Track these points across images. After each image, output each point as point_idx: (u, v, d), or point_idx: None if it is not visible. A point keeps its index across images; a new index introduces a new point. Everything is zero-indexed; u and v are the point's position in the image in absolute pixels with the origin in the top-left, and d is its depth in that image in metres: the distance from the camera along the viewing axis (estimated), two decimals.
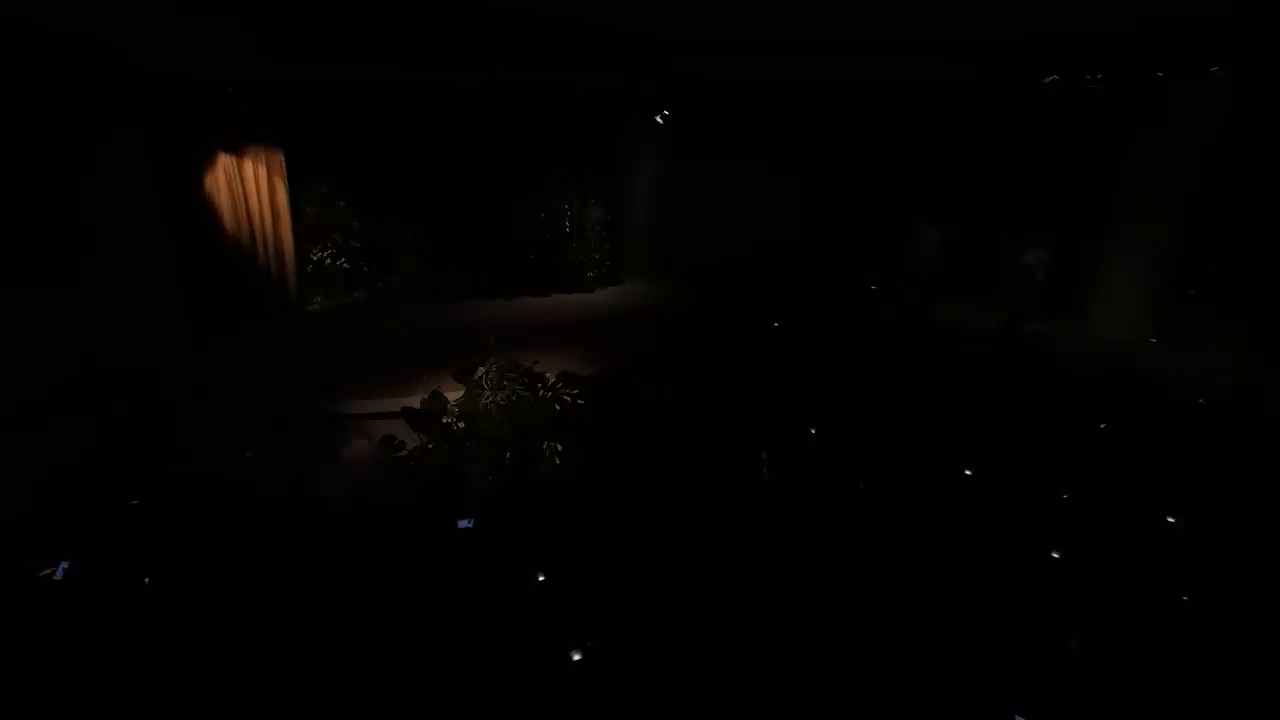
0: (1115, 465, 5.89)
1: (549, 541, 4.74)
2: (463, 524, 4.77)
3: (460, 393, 6.53)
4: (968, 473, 5.79)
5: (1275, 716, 3.51)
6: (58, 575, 4.01)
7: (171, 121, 8.78)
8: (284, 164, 10.61)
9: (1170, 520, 5.11)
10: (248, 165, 10.15)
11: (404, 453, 5.97)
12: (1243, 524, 5.05)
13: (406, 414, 6.33)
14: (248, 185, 10.20)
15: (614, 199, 13.29)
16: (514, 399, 6.26)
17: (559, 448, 6.05)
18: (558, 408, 6.41)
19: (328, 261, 11.44)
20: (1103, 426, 6.57)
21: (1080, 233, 10.63)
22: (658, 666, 3.73)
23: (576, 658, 3.77)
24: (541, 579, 4.03)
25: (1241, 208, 9.37)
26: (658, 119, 11.95)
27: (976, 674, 3.69)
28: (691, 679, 3.65)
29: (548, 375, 6.84)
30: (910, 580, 4.41)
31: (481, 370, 6.51)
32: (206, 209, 9.56)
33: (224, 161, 9.77)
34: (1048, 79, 9.54)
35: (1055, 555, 4.69)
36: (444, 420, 6.24)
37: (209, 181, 9.55)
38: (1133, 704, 3.54)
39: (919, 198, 12.72)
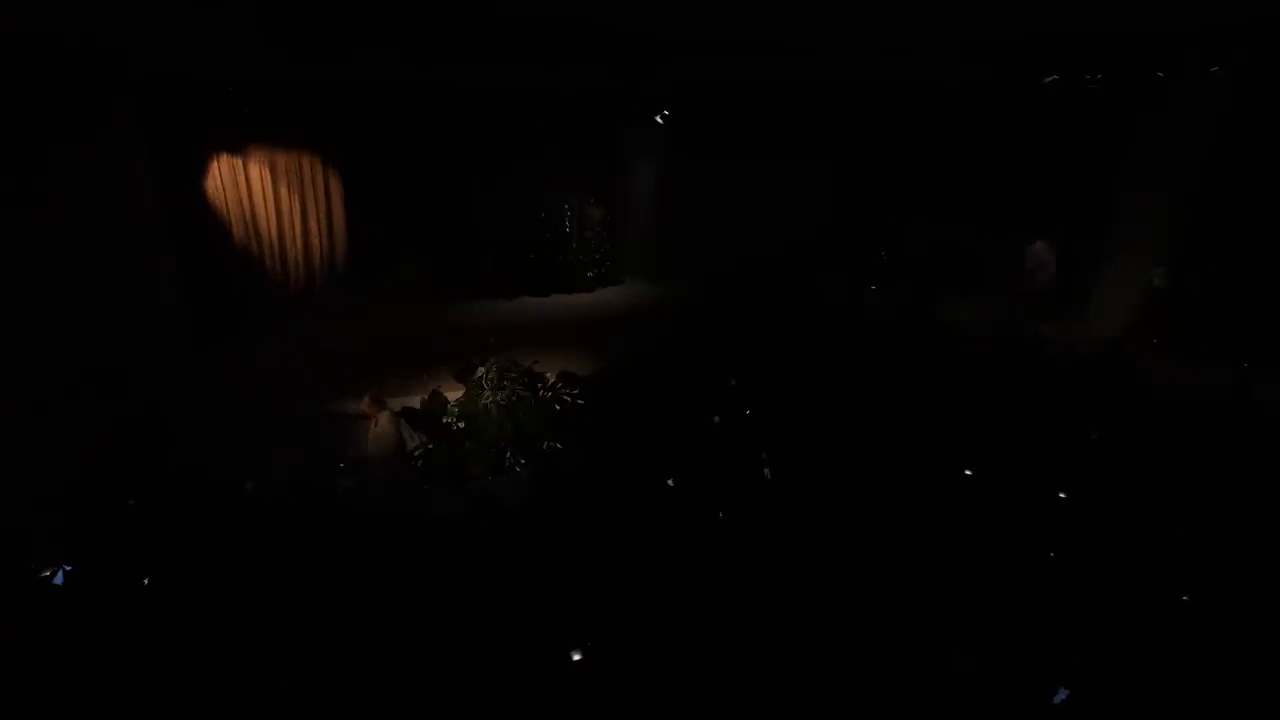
0: (1114, 465, 5.88)
1: (547, 541, 4.73)
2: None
3: (460, 393, 6.53)
4: (968, 473, 5.79)
5: (1276, 716, 3.51)
6: (57, 580, 3.99)
7: (171, 123, 8.72)
8: (338, 165, 10.98)
9: (1170, 520, 5.11)
10: (305, 166, 10.59)
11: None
12: (1241, 524, 5.05)
13: (407, 414, 6.34)
14: (305, 186, 10.63)
15: (614, 199, 13.27)
16: (514, 399, 6.26)
17: (559, 448, 6.05)
18: (558, 408, 6.41)
19: None
20: (1101, 428, 6.56)
21: (1080, 233, 10.62)
22: (658, 666, 3.72)
23: (576, 658, 3.76)
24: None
25: (1241, 207, 9.35)
26: (657, 119, 11.94)
27: (978, 671, 3.69)
28: (693, 679, 3.64)
29: (548, 375, 6.84)
30: (911, 579, 4.41)
31: (481, 370, 6.51)
32: (224, 212, 9.64)
33: (256, 163, 10.00)
34: (1048, 79, 9.54)
35: (1052, 555, 4.68)
36: (444, 420, 6.24)
37: (215, 183, 9.52)
38: (1133, 702, 3.54)
39: (918, 198, 12.71)
